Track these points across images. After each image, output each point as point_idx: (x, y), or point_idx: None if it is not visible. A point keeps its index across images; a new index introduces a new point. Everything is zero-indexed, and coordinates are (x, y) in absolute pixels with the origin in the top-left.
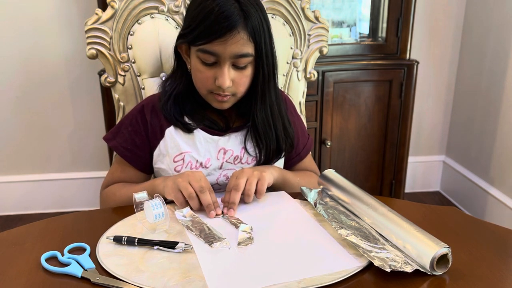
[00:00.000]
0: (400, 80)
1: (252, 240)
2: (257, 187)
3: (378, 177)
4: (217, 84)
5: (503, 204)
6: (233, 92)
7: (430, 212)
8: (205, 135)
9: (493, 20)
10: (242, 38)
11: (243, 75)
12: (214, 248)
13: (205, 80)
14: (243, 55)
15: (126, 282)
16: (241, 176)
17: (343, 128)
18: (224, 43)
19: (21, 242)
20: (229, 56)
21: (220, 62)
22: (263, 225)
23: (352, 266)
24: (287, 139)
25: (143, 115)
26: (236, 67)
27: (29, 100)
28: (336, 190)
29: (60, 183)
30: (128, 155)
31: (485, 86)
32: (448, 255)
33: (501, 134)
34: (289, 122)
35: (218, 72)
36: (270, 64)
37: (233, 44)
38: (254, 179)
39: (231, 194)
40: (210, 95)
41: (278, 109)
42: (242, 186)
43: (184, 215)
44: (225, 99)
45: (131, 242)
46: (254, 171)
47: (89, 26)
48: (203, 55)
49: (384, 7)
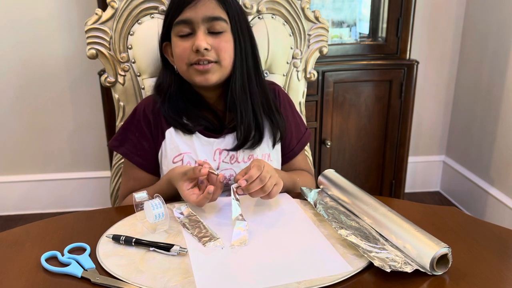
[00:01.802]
0: (400, 80)
1: (246, 240)
2: (272, 189)
3: (378, 177)
4: (194, 47)
5: (503, 204)
6: (215, 58)
7: (430, 212)
8: (201, 138)
9: (493, 20)
10: (211, 2)
11: (221, 40)
12: (207, 248)
13: (183, 52)
14: (215, 17)
15: (126, 282)
16: (268, 169)
17: (343, 128)
18: (194, 7)
19: (21, 242)
20: (201, 20)
21: (195, 29)
22: (260, 225)
23: (343, 270)
24: (272, 123)
25: (146, 117)
26: (213, 33)
27: (29, 100)
28: (336, 190)
29: (60, 183)
30: (139, 160)
31: (485, 86)
32: (448, 255)
33: (501, 134)
34: (278, 111)
35: (195, 39)
36: (246, 36)
37: (202, 7)
38: (274, 180)
39: (255, 182)
40: (191, 69)
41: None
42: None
43: (181, 212)
44: (207, 67)
45: (128, 242)
46: (275, 173)
47: (89, 26)
48: (178, 27)
49: (384, 7)
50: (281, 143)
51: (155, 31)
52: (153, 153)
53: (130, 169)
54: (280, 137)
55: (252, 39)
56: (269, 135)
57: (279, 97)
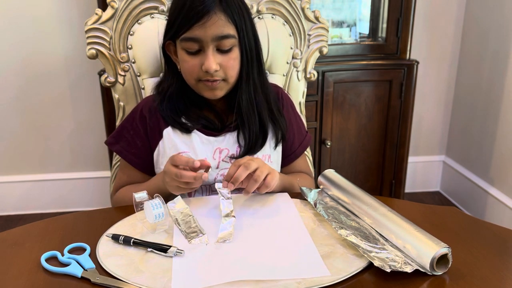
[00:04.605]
0: (400, 80)
1: (231, 236)
2: (266, 179)
3: (378, 177)
4: (204, 69)
5: (503, 204)
6: (223, 77)
7: (430, 212)
8: (201, 136)
9: (493, 20)
10: (220, 19)
11: (229, 58)
12: (192, 244)
13: (192, 69)
14: (224, 36)
15: (126, 282)
16: (254, 159)
17: (343, 128)
18: (203, 26)
19: (21, 242)
20: (210, 39)
21: (203, 47)
22: (250, 222)
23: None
24: (276, 127)
25: (142, 117)
26: (221, 51)
27: (29, 100)
28: (336, 190)
29: (60, 183)
30: (132, 158)
31: (485, 86)
32: (448, 255)
33: (501, 134)
34: (281, 113)
35: (204, 58)
36: (253, 45)
37: (212, 25)
38: (266, 170)
39: (240, 169)
40: (200, 84)
41: (264, 94)
42: (252, 167)
43: (174, 203)
44: (215, 84)
45: (127, 242)
46: (266, 164)
47: (89, 26)
48: (186, 43)
49: (384, 7)
50: (283, 145)
51: (155, 31)
52: (148, 153)
53: (124, 165)
54: (281, 138)
55: (257, 42)
56: (271, 136)
57: (282, 100)
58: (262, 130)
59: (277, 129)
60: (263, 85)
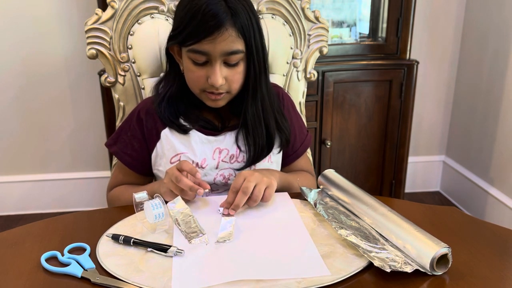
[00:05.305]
0: (400, 80)
1: (231, 236)
2: (265, 194)
3: (378, 177)
4: (210, 83)
5: (503, 204)
6: (227, 90)
7: (430, 212)
8: (200, 136)
9: (493, 20)
10: (231, 35)
11: (235, 72)
12: (192, 244)
13: (197, 80)
14: (233, 52)
15: (126, 282)
16: (250, 179)
17: (343, 128)
18: (213, 41)
19: (21, 242)
20: (219, 54)
21: (211, 60)
22: (250, 222)
23: (321, 274)
24: (281, 134)
25: (139, 118)
26: (228, 65)
27: (29, 100)
28: (336, 190)
29: (60, 183)
30: (128, 160)
31: (485, 86)
32: (448, 255)
33: (501, 134)
34: (284, 117)
35: (210, 71)
36: (261, 59)
37: (222, 42)
38: (263, 185)
39: (238, 196)
40: (203, 94)
41: (270, 104)
42: (250, 190)
43: (174, 203)
44: (218, 97)
45: (127, 242)
46: (263, 177)
47: (89, 26)
48: (194, 55)
49: (384, 7)
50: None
51: (155, 31)
52: (144, 154)
53: (121, 165)
54: (286, 143)
55: (264, 51)
56: (276, 143)
57: (283, 101)
58: (268, 142)
59: (282, 135)
60: (269, 93)
